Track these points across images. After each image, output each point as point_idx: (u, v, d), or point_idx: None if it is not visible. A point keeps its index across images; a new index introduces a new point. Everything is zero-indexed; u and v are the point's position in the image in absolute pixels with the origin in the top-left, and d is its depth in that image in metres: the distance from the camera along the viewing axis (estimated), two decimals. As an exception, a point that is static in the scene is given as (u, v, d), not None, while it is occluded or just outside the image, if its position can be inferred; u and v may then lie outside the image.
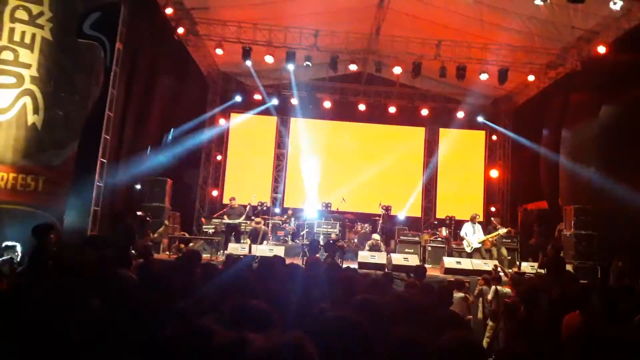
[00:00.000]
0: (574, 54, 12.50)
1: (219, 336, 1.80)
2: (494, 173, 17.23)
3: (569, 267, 9.13)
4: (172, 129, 13.16)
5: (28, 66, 8.87)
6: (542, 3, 9.91)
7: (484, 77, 13.17)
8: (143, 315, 2.20)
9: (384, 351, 1.94)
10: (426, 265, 9.82)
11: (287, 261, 5.91)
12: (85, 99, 9.50)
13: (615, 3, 9.73)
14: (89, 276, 3.69)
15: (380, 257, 10.70)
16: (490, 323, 7.21)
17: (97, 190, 9.34)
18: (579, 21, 11.17)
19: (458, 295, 7.16)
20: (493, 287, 7.39)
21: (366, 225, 13.50)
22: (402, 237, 12.84)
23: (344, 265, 8.78)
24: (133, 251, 8.63)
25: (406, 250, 12.25)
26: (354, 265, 9.17)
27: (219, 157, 17.28)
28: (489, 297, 7.37)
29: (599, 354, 3.22)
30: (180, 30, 12.37)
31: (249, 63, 13.32)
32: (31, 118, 8.87)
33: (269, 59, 13.14)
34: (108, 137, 9.74)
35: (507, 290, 7.11)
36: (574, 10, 10.58)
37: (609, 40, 11.25)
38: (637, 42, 10.31)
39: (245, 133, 17.40)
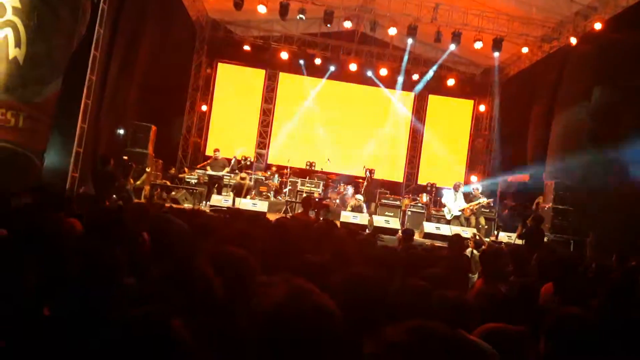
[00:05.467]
0: (569, 28, 12.41)
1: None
2: (479, 143, 17.36)
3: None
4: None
5: (10, -4, 8.37)
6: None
7: (478, 45, 12.98)
8: None
9: (397, 301, 1.97)
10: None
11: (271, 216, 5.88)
12: (70, 35, 9.08)
13: (617, -21, 9.63)
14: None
15: (362, 218, 10.83)
16: None
17: (80, 131, 9.07)
18: (579, -6, 11.06)
19: None
20: (469, 249, 7.68)
21: (349, 186, 13.53)
22: (383, 201, 12.93)
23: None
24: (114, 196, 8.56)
25: (387, 213, 12.36)
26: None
27: (203, 107, 16.91)
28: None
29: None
30: (172, -30, 11.84)
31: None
32: (12, 52, 8.42)
33: (262, 9, 12.74)
34: (93, 78, 9.39)
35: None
36: (575, -17, 10.46)
37: (606, 17, 11.17)
38: (634, 21, 10.20)
39: (232, 84, 17.01)
